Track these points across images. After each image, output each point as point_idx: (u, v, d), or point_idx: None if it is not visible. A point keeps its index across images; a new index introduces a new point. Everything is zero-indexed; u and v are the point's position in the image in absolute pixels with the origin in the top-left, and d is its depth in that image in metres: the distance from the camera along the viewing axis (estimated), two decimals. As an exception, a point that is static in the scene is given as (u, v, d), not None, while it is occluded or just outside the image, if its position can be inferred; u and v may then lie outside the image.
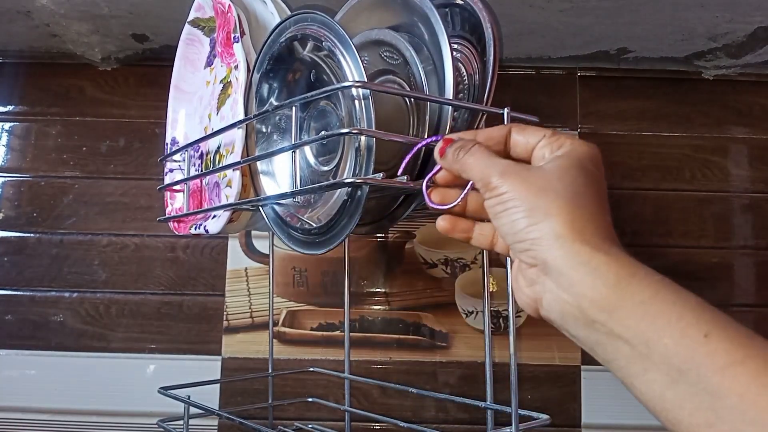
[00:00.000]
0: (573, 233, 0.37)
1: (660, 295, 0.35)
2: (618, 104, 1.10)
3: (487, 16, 0.56)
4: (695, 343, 0.33)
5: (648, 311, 0.34)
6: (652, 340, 0.34)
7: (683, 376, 0.33)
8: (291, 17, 0.58)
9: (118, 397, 1.03)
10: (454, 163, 0.44)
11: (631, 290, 0.35)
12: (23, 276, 1.06)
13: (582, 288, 0.36)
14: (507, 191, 0.40)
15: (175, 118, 0.80)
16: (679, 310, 0.34)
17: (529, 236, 0.39)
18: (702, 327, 0.33)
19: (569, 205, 0.38)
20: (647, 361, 0.34)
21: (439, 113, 0.55)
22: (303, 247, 0.57)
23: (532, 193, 0.39)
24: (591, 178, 0.41)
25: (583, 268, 0.36)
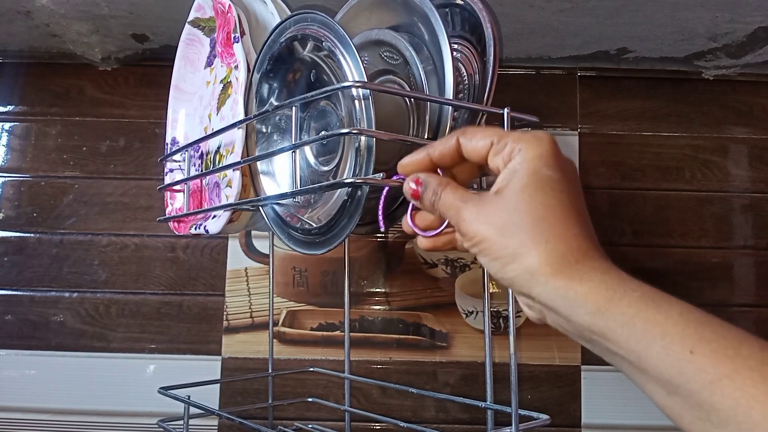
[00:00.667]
0: (544, 267, 0.38)
1: (641, 314, 0.35)
2: (618, 104, 1.10)
3: (487, 16, 0.56)
4: (682, 360, 0.33)
5: (632, 332, 0.35)
6: (641, 357, 0.34)
7: (677, 390, 0.33)
8: (291, 17, 0.58)
9: (118, 397, 1.03)
10: (433, 211, 0.44)
11: (613, 315, 0.35)
12: (23, 276, 1.06)
13: (570, 316, 0.37)
14: (474, 236, 0.40)
15: (175, 118, 0.80)
16: (662, 329, 0.34)
17: (507, 276, 0.39)
18: (686, 343, 0.33)
19: (532, 239, 0.38)
20: (644, 374, 0.35)
21: (439, 113, 0.55)
22: (303, 247, 0.57)
23: (496, 234, 0.39)
24: (547, 187, 0.40)
25: (563, 302, 0.37)
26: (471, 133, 0.43)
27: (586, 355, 1.03)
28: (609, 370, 1.02)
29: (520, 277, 0.38)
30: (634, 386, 0.35)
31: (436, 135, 0.55)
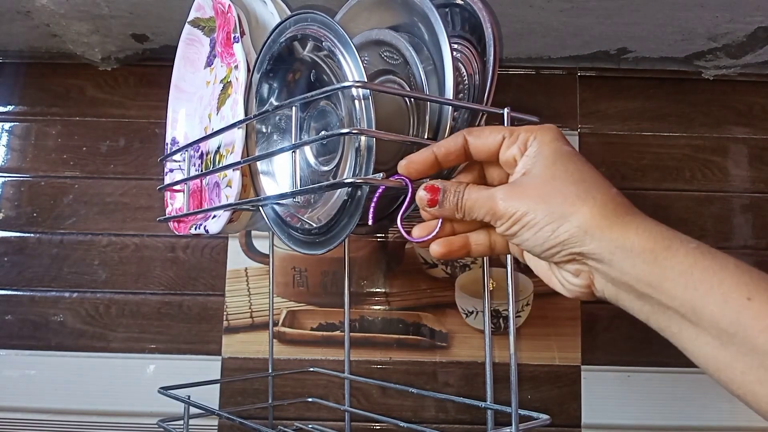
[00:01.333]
0: (597, 222, 0.38)
1: (699, 263, 0.36)
2: (618, 104, 1.10)
3: (487, 16, 0.56)
4: (739, 306, 0.34)
5: (690, 281, 0.36)
6: (698, 307, 0.35)
7: (732, 339, 0.34)
8: (291, 17, 0.58)
9: (118, 397, 1.03)
10: (456, 212, 0.44)
11: (671, 263, 0.36)
12: (23, 276, 1.06)
13: (624, 267, 0.38)
14: (516, 210, 0.40)
15: (175, 118, 0.80)
16: (720, 276, 0.35)
17: (557, 240, 0.39)
18: (743, 290, 0.34)
19: (579, 197, 0.39)
20: (697, 327, 0.36)
21: (439, 113, 0.55)
22: (303, 247, 0.57)
23: (540, 203, 0.40)
24: (575, 158, 0.42)
25: (620, 252, 0.38)
26: (479, 131, 0.44)
27: (586, 355, 1.03)
28: (609, 370, 1.02)
29: (574, 237, 0.39)
30: (634, 386, 0.35)
31: (436, 135, 0.55)
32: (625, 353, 1.04)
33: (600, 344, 1.03)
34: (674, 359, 1.04)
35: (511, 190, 0.41)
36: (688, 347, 0.37)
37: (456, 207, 0.43)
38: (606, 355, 1.02)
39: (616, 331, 1.04)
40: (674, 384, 1.03)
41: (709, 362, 0.36)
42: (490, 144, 0.43)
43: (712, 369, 0.36)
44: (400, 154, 0.57)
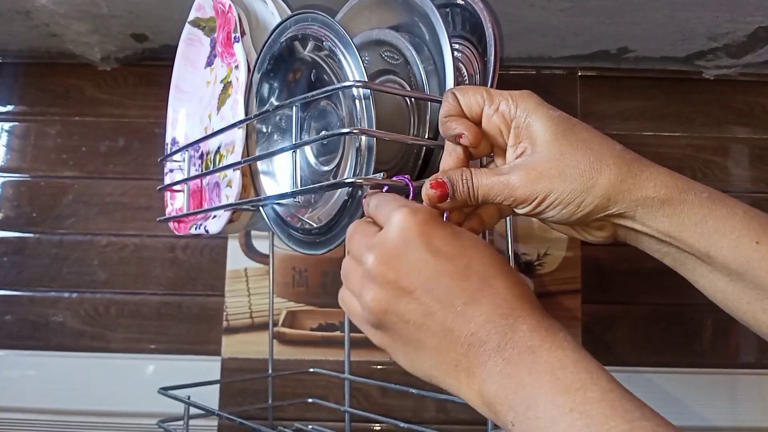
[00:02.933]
0: (617, 187, 0.40)
1: (712, 212, 0.40)
2: (618, 104, 1.10)
3: (487, 15, 0.56)
4: (748, 250, 0.39)
5: (704, 230, 0.40)
6: (712, 252, 0.40)
7: (741, 277, 0.39)
8: (292, 17, 0.57)
9: (117, 397, 1.03)
10: (470, 201, 0.43)
11: (687, 214, 0.40)
12: (23, 276, 1.06)
13: (646, 220, 0.41)
14: (538, 194, 0.40)
15: (176, 117, 0.80)
16: (731, 223, 0.39)
17: (585, 212, 0.41)
18: (752, 235, 0.39)
19: (594, 168, 0.40)
20: (710, 267, 0.41)
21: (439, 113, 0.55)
22: (303, 248, 0.57)
23: (560, 181, 0.40)
24: (570, 123, 0.42)
25: (642, 209, 0.40)
26: (462, 89, 0.44)
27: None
28: (609, 370, 1.02)
29: (600, 206, 0.40)
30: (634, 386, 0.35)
31: (436, 135, 0.55)
32: (625, 353, 1.04)
33: (600, 344, 1.03)
34: (674, 359, 1.04)
35: (526, 174, 0.41)
36: (699, 281, 0.42)
37: (469, 196, 0.42)
38: (606, 355, 1.02)
39: (617, 331, 1.04)
40: (674, 384, 1.03)
41: (718, 294, 0.41)
42: (473, 104, 0.44)
43: (720, 298, 0.41)
44: (401, 154, 0.57)
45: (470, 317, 0.36)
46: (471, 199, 0.42)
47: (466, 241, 0.38)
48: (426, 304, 0.37)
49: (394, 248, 0.37)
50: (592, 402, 0.31)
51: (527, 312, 0.36)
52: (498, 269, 0.38)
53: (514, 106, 0.43)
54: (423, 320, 0.37)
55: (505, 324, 0.35)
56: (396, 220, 0.38)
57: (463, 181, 0.42)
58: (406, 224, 0.38)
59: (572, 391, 0.32)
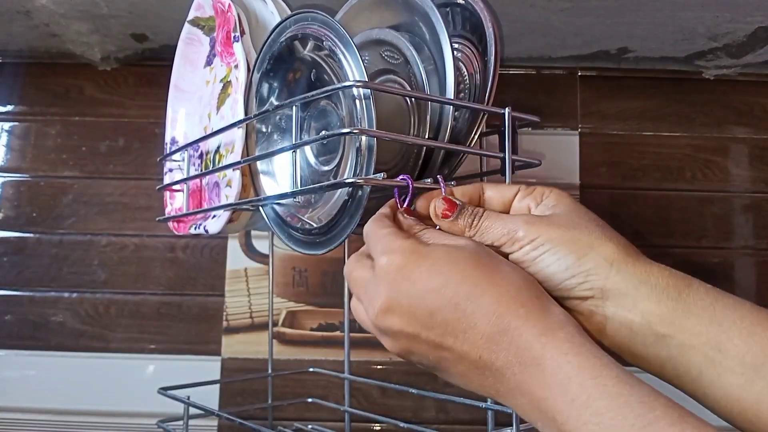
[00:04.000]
0: (622, 257, 0.39)
1: (719, 300, 0.37)
2: (618, 104, 1.10)
3: (488, 15, 0.56)
4: (764, 339, 0.35)
5: (714, 316, 0.36)
6: (722, 342, 0.35)
7: (758, 373, 0.34)
8: (291, 16, 0.57)
9: (117, 397, 1.03)
10: (470, 230, 0.43)
11: (693, 299, 0.37)
12: (23, 276, 1.06)
13: (648, 305, 0.37)
14: (539, 235, 0.40)
15: (175, 117, 0.80)
16: (741, 312, 0.36)
17: (582, 269, 0.39)
18: (765, 324, 0.35)
19: (604, 234, 0.40)
20: (720, 365, 0.36)
21: (440, 113, 0.55)
22: (303, 248, 0.57)
23: (566, 232, 0.40)
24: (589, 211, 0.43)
25: (645, 287, 0.38)
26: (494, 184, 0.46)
27: (587, 355, 1.03)
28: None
29: (600, 266, 0.39)
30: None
31: (437, 135, 0.55)
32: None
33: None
34: (675, 359, 1.04)
35: (534, 217, 0.42)
36: (708, 392, 0.37)
37: (470, 225, 0.43)
38: (606, 356, 1.02)
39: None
40: (675, 384, 1.03)
41: (733, 404, 0.36)
42: (505, 195, 0.45)
43: (737, 411, 0.36)
44: (401, 154, 0.57)
45: (474, 342, 0.36)
46: (470, 229, 0.43)
47: (445, 266, 0.38)
48: (433, 342, 0.37)
49: (388, 300, 0.38)
50: (601, 413, 0.31)
51: (522, 319, 0.35)
52: (483, 281, 0.37)
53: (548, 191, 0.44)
54: (438, 354, 0.38)
55: (504, 340, 0.35)
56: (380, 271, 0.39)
57: (473, 211, 0.43)
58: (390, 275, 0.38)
59: (580, 406, 0.31)
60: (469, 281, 0.37)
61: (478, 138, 0.56)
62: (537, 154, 1.07)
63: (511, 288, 0.37)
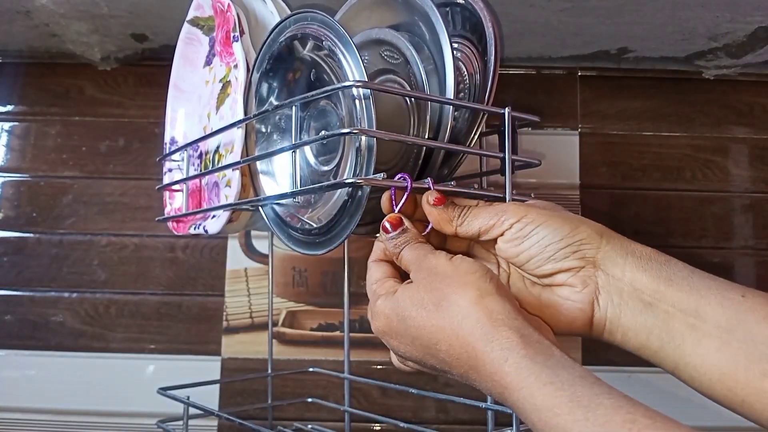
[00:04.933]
0: (609, 232, 0.43)
1: (696, 272, 0.41)
2: (618, 104, 1.10)
3: (488, 15, 0.56)
4: (735, 303, 0.38)
5: (692, 284, 0.39)
6: (700, 307, 0.39)
7: (732, 335, 0.37)
8: (291, 16, 0.57)
9: (117, 397, 1.03)
10: (456, 219, 0.45)
11: (673, 270, 0.40)
12: (23, 276, 1.06)
13: (635, 273, 0.41)
14: (528, 213, 0.43)
15: (174, 117, 0.80)
16: (715, 281, 0.40)
17: (575, 239, 0.42)
18: (738, 290, 0.39)
19: (583, 220, 0.43)
20: (699, 330, 0.39)
21: (439, 113, 0.55)
22: (303, 248, 0.57)
23: (554, 212, 0.43)
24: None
25: (631, 257, 0.41)
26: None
27: (587, 355, 1.03)
28: (610, 370, 1.02)
29: (591, 237, 0.42)
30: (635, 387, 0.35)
31: (436, 135, 0.55)
32: (625, 353, 1.02)
33: (600, 344, 1.02)
34: (675, 359, 1.04)
35: (517, 204, 0.45)
36: (690, 360, 0.39)
37: (458, 214, 0.45)
38: (606, 355, 1.02)
39: (617, 331, 1.04)
40: (674, 384, 1.02)
41: (713, 371, 0.38)
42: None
43: (716, 377, 0.38)
44: (401, 154, 0.57)
45: (464, 373, 0.39)
46: (457, 218, 0.45)
47: (429, 304, 0.40)
48: (440, 363, 0.40)
49: (390, 328, 0.43)
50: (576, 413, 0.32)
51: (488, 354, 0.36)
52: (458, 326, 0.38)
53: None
54: (447, 369, 0.41)
55: (483, 372, 0.37)
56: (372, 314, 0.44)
57: (462, 212, 0.46)
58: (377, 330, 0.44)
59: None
60: (446, 320, 0.39)
61: (478, 138, 0.56)
62: (537, 154, 1.07)
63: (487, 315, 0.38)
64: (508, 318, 0.37)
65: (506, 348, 0.36)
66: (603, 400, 0.33)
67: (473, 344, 0.37)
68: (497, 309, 0.38)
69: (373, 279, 0.46)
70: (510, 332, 0.36)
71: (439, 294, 0.40)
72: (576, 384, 0.34)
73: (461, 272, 0.40)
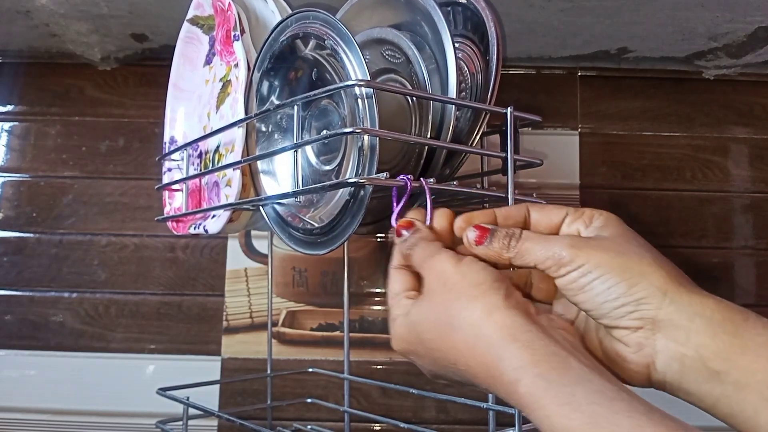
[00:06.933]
0: (675, 286, 0.37)
1: None
2: (618, 104, 1.10)
3: (489, 14, 0.56)
4: None
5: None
6: None
7: None
8: (292, 15, 0.57)
9: (117, 397, 1.03)
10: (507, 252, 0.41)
11: (750, 334, 0.35)
12: (23, 276, 1.06)
13: (702, 339, 0.36)
14: (587, 261, 0.38)
15: (174, 116, 0.79)
16: None
17: (633, 298, 0.37)
18: None
19: (655, 261, 0.38)
20: None
21: (441, 112, 0.55)
22: (304, 248, 0.57)
23: (615, 257, 0.38)
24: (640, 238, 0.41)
25: (699, 320, 0.36)
26: (543, 206, 0.44)
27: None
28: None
29: (653, 296, 0.37)
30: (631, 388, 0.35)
31: (438, 135, 0.55)
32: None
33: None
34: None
35: (579, 239, 0.39)
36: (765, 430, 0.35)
37: (507, 246, 0.41)
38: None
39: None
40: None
41: None
42: (553, 219, 0.43)
43: None
44: (402, 154, 0.56)
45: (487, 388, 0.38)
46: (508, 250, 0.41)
47: (443, 325, 0.39)
48: (465, 380, 0.40)
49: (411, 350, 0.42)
50: None
51: (502, 375, 0.35)
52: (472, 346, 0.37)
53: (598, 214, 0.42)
54: (474, 385, 0.40)
55: (502, 390, 0.36)
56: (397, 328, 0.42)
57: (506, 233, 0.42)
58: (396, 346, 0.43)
59: None
60: (462, 344, 0.38)
61: (480, 138, 0.56)
62: (537, 153, 1.07)
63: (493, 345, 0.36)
64: (519, 332, 0.35)
65: (518, 368, 0.34)
66: (622, 420, 0.30)
67: (488, 363, 0.36)
68: (507, 324, 0.36)
69: (392, 293, 0.44)
70: (521, 350, 0.35)
71: (450, 312, 0.38)
72: (594, 402, 0.31)
73: (468, 284, 0.38)
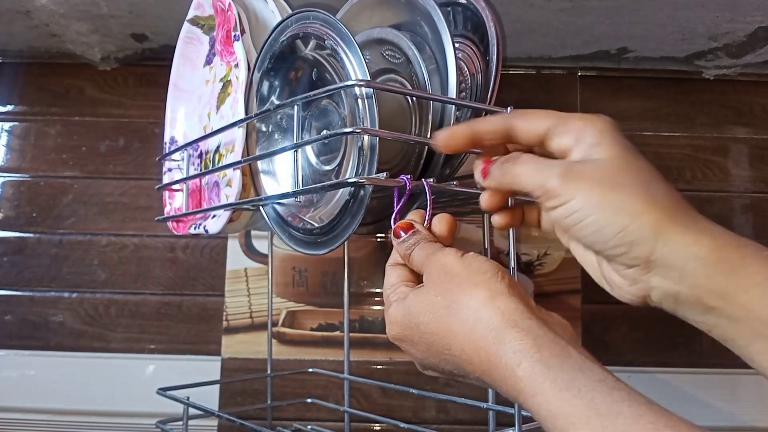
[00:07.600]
0: (670, 225, 0.35)
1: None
2: (618, 104, 1.10)
3: (489, 15, 0.56)
4: None
5: (766, 293, 0.33)
6: None
7: None
8: (293, 15, 0.57)
9: (117, 397, 1.03)
10: (502, 178, 0.40)
11: (746, 273, 0.34)
12: (23, 276, 1.06)
13: (697, 279, 0.35)
14: (574, 197, 0.36)
15: (174, 117, 0.80)
16: None
17: (625, 240, 0.36)
18: None
19: (650, 196, 0.36)
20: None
21: (441, 113, 0.55)
22: (305, 247, 0.57)
23: (607, 195, 0.36)
24: (638, 154, 0.38)
25: (694, 261, 0.35)
26: (525, 112, 0.41)
27: (587, 355, 1.03)
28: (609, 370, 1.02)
29: (645, 237, 0.35)
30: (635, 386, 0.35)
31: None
32: (625, 353, 1.03)
33: (600, 344, 1.03)
34: (674, 359, 1.04)
35: (571, 168, 0.37)
36: (755, 358, 0.35)
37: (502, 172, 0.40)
38: (606, 355, 1.02)
39: (617, 331, 1.04)
40: (674, 384, 1.03)
41: None
42: (538, 128, 0.39)
43: None
44: (403, 154, 0.57)
45: (479, 377, 0.37)
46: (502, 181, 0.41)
47: (441, 308, 0.39)
48: (456, 369, 0.39)
49: (404, 336, 0.42)
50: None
51: (500, 358, 0.35)
52: (470, 329, 0.37)
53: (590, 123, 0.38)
54: (463, 375, 0.40)
55: (497, 376, 0.35)
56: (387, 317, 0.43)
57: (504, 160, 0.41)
58: (392, 334, 0.43)
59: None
60: (458, 333, 0.38)
61: (480, 138, 0.56)
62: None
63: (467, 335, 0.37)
64: (521, 318, 0.35)
65: (518, 351, 0.34)
66: (623, 408, 0.30)
67: (485, 348, 0.35)
68: (509, 309, 0.36)
69: (388, 284, 0.45)
70: (522, 334, 0.34)
71: (449, 296, 0.38)
72: (594, 389, 0.31)
73: (472, 271, 0.38)
